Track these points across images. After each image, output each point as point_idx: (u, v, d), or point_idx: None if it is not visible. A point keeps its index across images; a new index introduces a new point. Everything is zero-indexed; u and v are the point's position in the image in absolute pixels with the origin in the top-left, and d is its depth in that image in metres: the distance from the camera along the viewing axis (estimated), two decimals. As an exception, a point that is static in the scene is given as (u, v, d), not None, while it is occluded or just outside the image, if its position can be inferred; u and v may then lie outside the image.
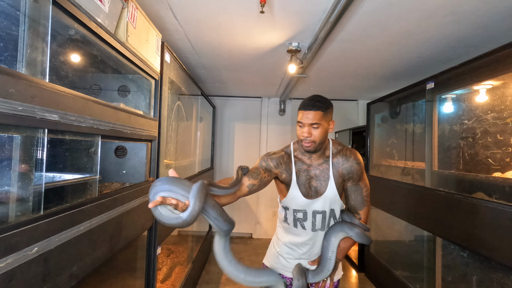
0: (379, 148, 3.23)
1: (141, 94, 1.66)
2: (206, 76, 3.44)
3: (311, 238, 1.29)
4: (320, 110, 1.19)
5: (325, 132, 1.23)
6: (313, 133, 1.20)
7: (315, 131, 1.20)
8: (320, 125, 1.19)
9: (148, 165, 1.60)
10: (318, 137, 1.20)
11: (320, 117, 1.19)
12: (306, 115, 1.19)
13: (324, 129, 1.21)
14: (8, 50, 0.78)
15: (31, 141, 0.79)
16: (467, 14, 1.78)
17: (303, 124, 1.21)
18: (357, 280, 3.19)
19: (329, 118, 1.24)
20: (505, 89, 1.72)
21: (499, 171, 1.72)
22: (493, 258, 1.54)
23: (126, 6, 1.27)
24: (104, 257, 1.10)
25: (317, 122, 1.18)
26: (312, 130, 1.20)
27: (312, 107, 1.19)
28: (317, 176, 1.28)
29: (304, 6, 1.73)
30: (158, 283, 2.12)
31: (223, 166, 4.64)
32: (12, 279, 0.68)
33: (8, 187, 0.75)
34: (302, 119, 1.21)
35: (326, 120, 1.22)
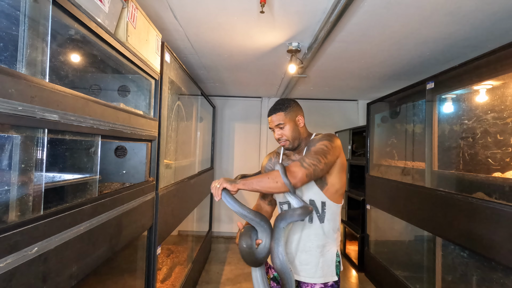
0: (379, 148, 3.23)
1: (141, 94, 1.66)
2: (206, 76, 3.44)
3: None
4: (280, 111, 1.31)
5: (294, 128, 1.32)
6: (283, 133, 1.32)
7: (284, 131, 1.32)
8: (285, 124, 1.31)
9: (148, 165, 1.60)
10: (288, 134, 1.31)
11: (282, 117, 1.31)
12: (271, 120, 1.34)
13: (292, 126, 1.31)
14: (8, 50, 0.78)
15: (31, 141, 0.79)
16: (467, 14, 1.78)
17: (273, 128, 1.35)
18: (357, 280, 3.19)
19: (293, 115, 1.33)
20: (505, 89, 1.72)
21: (499, 171, 1.72)
22: (493, 258, 1.54)
23: (126, 6, 1.27)
24: (104, 257, 1.10)
25: (281, 122, 1.31)
26: (281, 130, 1.32)
27: (273, 111, 1.33)
28: None
29: (304, 6, 1.73)
30: (158, 283, 2.12)
31: (223, 166, 4.64)
32: (12, 279, 0.68)
33: (8, 187, 0.75)
34: (270, 124, 1.35)
35: (290, 117, 1.32)
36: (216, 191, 1.14)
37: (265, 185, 1.14)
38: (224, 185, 1.14)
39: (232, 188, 1.14)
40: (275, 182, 1.13)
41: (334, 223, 1.33)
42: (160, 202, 1.67)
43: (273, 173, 1.16)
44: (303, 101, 4.65)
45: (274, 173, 1.15)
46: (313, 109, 4.65)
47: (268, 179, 1.14)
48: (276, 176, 1.14)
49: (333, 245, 1.33)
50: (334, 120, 4.65)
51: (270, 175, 1.15)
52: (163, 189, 1.75)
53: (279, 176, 1.13)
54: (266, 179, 1.14)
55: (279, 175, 1.14)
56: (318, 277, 1.28)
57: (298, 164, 1.17)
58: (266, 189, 1.15)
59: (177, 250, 2.85)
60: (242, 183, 1.14)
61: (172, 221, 1.97)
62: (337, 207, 1.32)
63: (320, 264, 1.29)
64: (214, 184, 1.16)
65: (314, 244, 1.29)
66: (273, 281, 1.41)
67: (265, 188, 1.15)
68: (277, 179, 1.14)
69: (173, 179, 2.08)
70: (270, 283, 1.42)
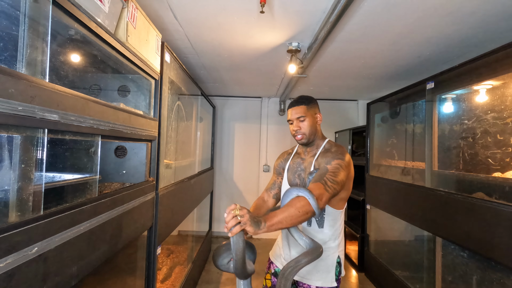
0: (379, 148, 3.23)
1: (141, 94, 1.66)
2: (206, 76, 3.44)
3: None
4: (303, 105, 1.34)
5: (313, 124, 1.35)
6: (301, 126, 1.34)
7: (303, 124, 1.33)
8: (306, 118, 1.33)
9: (148, 165, 1.60)
10: (306, 128, 1.33)
11: (304, 111, 1.33)
12: (292, 111, 1.35)
13: (311, 121, 1.34)
14: (8, 50, 0.78)
15: (31, 141, 0.79)
16: (467, 14, 1.78)
17: (292, 120, 1.36)
18: (357, 280, 3.19)
19: (314, 112, 1.36)
20: (505, 89, 1.72)
21: (499, 171, 1.72)
22: (493, 258, 1.54)
23: (126, 6, 1.27)
24: (104, 257, 1.10)
25: (302, 115, 1.33)
26: (300, 123, 1.34)
27: (296, 103, 1.35)
28: (306, 168, 1.37)
29: (304, 6, 1.73)
30: (158, 283, 2.12)
31: (223, 166, 4.64)
32: (12, 279, 0.68)
33: (8, 187, 0.75)
34: (290, 116, 1.36)
35: (311, 113, 1.35)
36: (232, 223, 0.93)
37: (297, 221, 1.02)
38: (248, 228, 0.94)
39: (253, 233, 0.96)
40: (305, 214, 1.03)
41: (335, 229, 1.31)
42: (160, 202, 1.67)
43: (299, 203, 1.04)
44: (303, 101, 4.64)
45: (301, 203, 1.03)
46: (313, 109, 4.64)
47: (298, 213, 1.02)
48: (303, 205, 1.03)
49: (334, 250, 1.32)
50: (334, 120, 4.65)
51: (298, 207, 1.02)
52: (163, 189, 1.75)
53: (307, 204, 1.04)
54: (296, 213, 1.01)
55: (306, 203, 1.04)
56: (316, 280, 1.28)
57: (321, 187, 1.12)
58: (296, 224, 1.03)
59: (177, 250, 2.85)
60: (268, 227, 0.98)
61: (172, 221, 1.97)
62: (337, 213, 1.31)
63: (318, 267, 1.29)
64: (233, 212, 0.95)
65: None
66: (274, 276, 1.41)
67: (296, 224, 1.03)
68: (306, 208, 1.03)
69: (173, 179, 2.08)
70: (271, 278, 1.42)
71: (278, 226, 0.99)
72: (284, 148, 4.40)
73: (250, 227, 0.94)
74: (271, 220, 0.99)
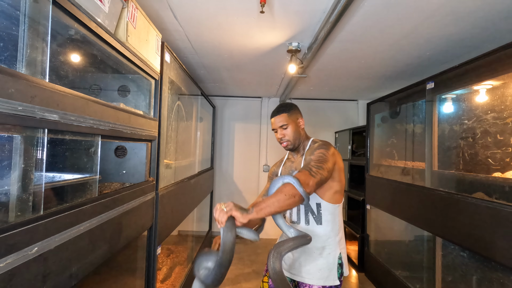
0: (379, 148, 3.23)
1: (141, 94, 1.66)
2: (206, 76, 3.44)
3: None
4: (284, 113, 1.38)
5: (296, 130, 1.39)
6: (285, 133, 1.38)
7: (286, 131, 1.37)
8: (288, 125, 1.37)
9: (148, 165, 1.60)
10: (290, 135, 1.37)
11: (286, 118, 1.37)
12: (274, 121, 1.40)
13: (293, 127, 1.38)
14: (8, 50, 0.78)
15: (31, 141, 0.79)
16: (467, 14, 1.78)
17: (276, 129, 1.40)
18: (357, 280, 3.19)
19: (295, 117, 1.40)
20: (505, 89, 1.72)
21: (499, 171, 1.72)
22: (493, 258, 1.54)
23: (126, 6, 1.27)
24: (104, 257, 1.10)
25: (284, 123, 1.37)
26: (284, 131, 1.38)
27: (277, 112, 1.39)
28: (296, 168, 1.39)
29: (304, 6, 1.73)
30: (158, 283, 2.12)
31: (223, 166, 4.64)
32: (12, 279, 0.68)
33: (8, 187, 0.75)
34: (273, 125, 1.41)
35: (292, 119, 1.38)
36: (221, 216, 0.97)
37: (284, 204, 1.03)
38: (234, 213, 0.97)
39: (242, 220, 0.98)
40: (292, 197, 1.04)
41: (334, 225, 1.31)
42: (160, 202, 1.67)
43: (285, 188, 1.06)
44: (303, 101, 4.65)
45: (287, 188, 1.06)
46: (313, 109, 4.65)
47: (284, 196, 1.04)
48: (290, 190, 1.05)
49: (335, 248, 1.30)
50: (334, 120, 4.65)
51: (284, 191, 1.05)
52: (163, 189, 1.75)
53: (293, 189, 1.06)
54: (282, 196, 1.04)
55: (293, 188, 1.06)
56: (317, 279, 1.27)
57: (306, 173, 1.13)
58: (285, 208, 1.04)
59: (177, 250, 2.85)
60: (256, 211, 1.00)
61: (172, 221, 1.97)
62: (334, 208, 1.30)
63: (320, 266, 1.28)
64: (219, 207, 1.00)
65: (312, 246, 1.27)
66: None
67: (284, 207, 1.04)
68: (292, 192, 1.05)
69: (173, 179, 2.08)
70: (269, 281, 1.42)
71: (266, 210, 1.01)
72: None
73: (236, 212, 0.98)
74: (259, 205, 1.02)
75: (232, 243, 0.96)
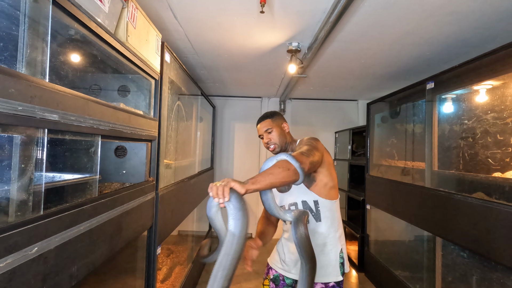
0: (379, 148, 3.23)
1: (141, 94, 1.66)
2: (206, 76, 3.44)
3: None
4: (267, 119, 1.46)
5: (281, 133, 1.44)
6: (271, 137, 1.44)
7: (272, 135, 1.44)
8: (273, 129, 1.44)
9: (148, 165, 1.60)
10: (276, 138, 1.43)
11: (269, 123, 1.45)
12: (260, 126, 1.48)
13: (278, 131, 1.44)
14: (8, 50, 0.78)
15: (31, 141, 0.79)
16: (467, 14, 1.78)
17: (262, 135, 1.47)
18: (357, 280, 3.19)
19: (279, 122, 1.47)
20: (505, 89, 1.72)
21: (499, 171, 1.72)
22: (493, 258, 1.54)
23: (126, 6, 1.27)
24: (104, 257, 1.10)
25: (269, 127, 1.44)
26: (269, 135, 1.44)
27: (261, 119, 1.49)
28: None
29: (304, 6, 1.73)
30: (158, 283, 2.12)
31: (223, 166, 4.64)
32: (12, 279, 0.68)
33: (8, 187, 0.75)
34: (259, 131, 1.48)
35: (277, 123, 1.45)
36: (220, 190, 0.91)
37: (279, 176, 1.00)
38: (232, 184, 0.93)
39: (240, 190, 0.93)
40: (287, 170, 1.01)
41: (333, 221, 1.33)
42: (160, 202, 1.67)
43: (280, 162, 1.05)
44: (303, 101, 4.65)
45: (281, 162, 1.04)
46: (313, 109, 4.65)
47: (279, 169, 1.01)
48: (284, 163, 1.04)
49: (336, 244, 1.32)
50: (334, 120, 4.64)
51: (279, 165, 1.03)
52: (163, 189, 1.75)
53: (288, 163, 1.04)
54: (277, 169, 1.01)
55: (287, 163, 1.04)
56: (320, 276, 1.28)
57: (298, 153, 1.13)
58: (280, 179, 1.00)
59: (177, 250, 2.85)
60: (252, 182, 0.96)
61: (172, 221, 1.97)
62: (331, 204, 1.33)
63: (322, 263, 1.28)
64: (214, 184, 0.96)
65: (313, 243, 1.28)
66: (272, 282, 1.41)
67: (279, 179, 1.00)
68: (286, 165, 1.03)
69: (173, 179, 2.08)
70: (270, 284, 1.42)
71: (262, 182, 0.97)
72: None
73: (235, 183, 0.93)
74: (253, 177, 0.98)
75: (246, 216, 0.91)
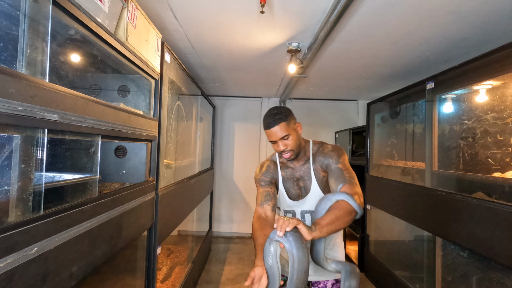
0: (379, 148, 3.23)
1: (141, 94, 1.66)
2: (206, 76, 3.44)
3: None
4: (282, 121, 1.21)
5: (297, 137, 1.26)
6: (287, 144, 1.23)
7: (288, 142, 1.23)
8: (289, 135, 1.22)
9: (148, 165, 1.60)
10: (293, 145, 1.24)
11: (285, 128, 1.21)
12: (273, 132, 1.22)
13: (294, 135, 1.24)
14: (8, 50, 0.78)
15: (31, 141, 0.79)
16: (467, 14, 1.78)
17: (275, 141, 1.24)
18: (357, 280, 3.19)
19: (293, 124, 1.26)
20: (505, 89, 1.72)
21: (499, 171, 1.72)
22: (493, 258, 1.54)
23: (126, 6, 1.27)
24: (104, 257, 1.10)
25: (285, 134, 1.21)
26: (285, 141, 1.23)
27: (274, 122, 1.21)
28: (302, 177, 1.34)
29: (304, 6, 1.73)
30: (158, 283, 2.12)
31: (223, 166, 4.64)
32: (12, 279, 0.68)
33: (8, 187, 0.75)
34: (272, 137, 1.23)
35: (292, 127, 1.24)
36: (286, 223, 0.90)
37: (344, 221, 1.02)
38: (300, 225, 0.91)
39: (307, 236, 0.92)
40: (349, 214, 1.03)
41: None
42: (160, 202, 1.67)
43: (342, 205, 1.04)
44: (303, 101, 4.65)
45: (343, 204, 1.04)
46: (313, 109, 4.65)
47: (343, 213, 1.02)
48: (344, 206, 1.04)
49: (341, 241, 1.39)
50: (334, 120, 4.64)
51: (340, 208, 1.03)
52: (163, 189, 1.75)
53: (349, 205, 1.04)
54: (340, 213, 1.01)
55: (348, 205, 1.04)
56: (329, 275, 1.32)
57: (350, 186, 1.13)
58: (343, 225, 1.03)
59: (177, 250, 2.85)
60: (319, 230, 0.95)
61: (172, 221, 1.97)
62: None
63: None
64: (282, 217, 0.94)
65: (325, 242, 1.32)
66: None
67: (344, 225, 1.03)
68: (349, 208, 1.03)
69: (173, 179, 2.08)
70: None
71: (328, 228, 0.97)
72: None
73: (303, 226, 0.91)
74: (319, 224, 0.97)
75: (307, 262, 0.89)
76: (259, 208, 1.32)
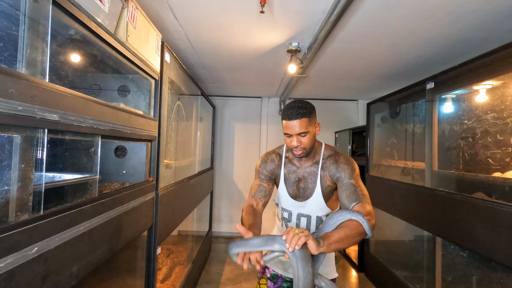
0: (379, 148, 3.23)
1: (141, 94, 1.66)
2: (206, 76, 3.44)
3: None
4: (305, 117, 1.14)
5: (313, 137, 1.20)
6: (302, 141, 1.17)
7: (304, 139, 1.16)
8: (308, 133, 1.16)
9: (148, 165, 1.60)
10: (308, 143, 1.18)
11: (306, 125, 1.15)
12: (292, 125, 1.14)
13: (312, 134, 1.18)
14: (8, 50, 0.78)
15: (31, 141, 0.79)
16: (467, 14, 1.78)
17: (291, 134, 1.17)
18: (357, 280, 3.19)
19: (314, 123, 1.20)
20: (505, 89, 1.72)
21: (499, 171, 1.72)
22: (493, 258, 1.54)
23: (126, 6, 1.27)
24: (104, 257, 1.10)
25: (304, 130, 1.14)
26: (301, 138, 1.16)
27: (297, 115, 1.13)
28: (305, 178, 1.29)
29: (304, 6, 1.73)
30: (158, 283, 2.12)
31: (223, 166, 4.64)
32: (12, 279, 0.68)
33: (8, 187, 0.75)
34: (289, 130, 1.16)
35: (312, 126, 1.19)
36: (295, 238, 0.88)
37: (352, 242, 1.00)
38: (310, 241, 0.90)
39: (315, 252, 0.90)
40: (360, 235, 1.01)
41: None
42: (160, 202, 1.67)
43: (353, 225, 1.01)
44: (303, 101, 4.64)
45: (355, 226, 1.01)
46: (313, 109, 4.64)
47: (354, 234, 1.00)
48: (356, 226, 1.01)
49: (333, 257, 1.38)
50: (334, 120, 4.64)
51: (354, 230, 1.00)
52: (163, 189, 1.75)
53: (360, 227, 1.02)
54: (350, 233, 0.99)
55: (360, 226, 1.02)
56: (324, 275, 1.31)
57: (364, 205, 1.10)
58: (351, 245, 1.03)
59: (177, 250, 2.85)
60: (327, 246, 0.94)
61: (172, 221, 1.97)
62: None
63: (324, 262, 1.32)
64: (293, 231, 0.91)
65: None
66: (270, 281, 1.42)
67: (351, 245, 1.03)
68: (359, 229, 1.01)
69: (173, 179, 2.08)
70: (267, 283, 1.42)
71: (336, 245, 0.95)
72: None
73: (312, 241, 0.90)
74: (328, 239, 0.95)
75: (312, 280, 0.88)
76: (252, 198, 1.30)
